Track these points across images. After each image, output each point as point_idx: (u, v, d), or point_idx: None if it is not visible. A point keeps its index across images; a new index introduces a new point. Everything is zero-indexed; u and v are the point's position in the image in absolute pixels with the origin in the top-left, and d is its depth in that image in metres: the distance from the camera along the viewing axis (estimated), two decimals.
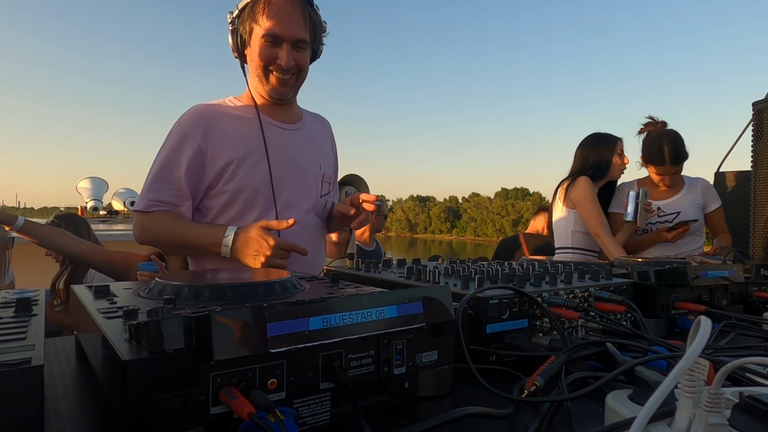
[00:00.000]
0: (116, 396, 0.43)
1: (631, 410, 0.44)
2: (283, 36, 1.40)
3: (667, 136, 2.47)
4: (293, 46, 1.43)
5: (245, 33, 1.44)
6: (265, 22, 1.39)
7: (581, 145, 2.65)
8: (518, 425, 0.53)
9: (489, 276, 0.88)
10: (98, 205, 6.05)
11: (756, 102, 1.89)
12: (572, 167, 2.66)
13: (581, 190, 2.51)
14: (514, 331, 0.75)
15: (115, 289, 0.74)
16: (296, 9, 1.41)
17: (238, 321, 0.44)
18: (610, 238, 2.41)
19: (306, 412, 0.50)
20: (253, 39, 1.43)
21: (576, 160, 2.65)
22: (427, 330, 0.57)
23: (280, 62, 1.42)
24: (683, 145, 2.47)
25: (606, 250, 2.39)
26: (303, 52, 1.46)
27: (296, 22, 1.42)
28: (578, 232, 2.56)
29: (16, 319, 0.61)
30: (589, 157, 2.60)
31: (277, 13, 1.39)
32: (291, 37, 1.41)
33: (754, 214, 1.86)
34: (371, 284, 0.81)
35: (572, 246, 2.58)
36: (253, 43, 1.43)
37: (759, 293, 1.14)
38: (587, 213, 2.48)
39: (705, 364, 0.37)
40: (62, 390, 0.63)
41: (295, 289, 0.70)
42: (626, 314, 0.88)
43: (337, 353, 0.51)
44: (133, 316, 0.50)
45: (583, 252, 2.56)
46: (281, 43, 1.41)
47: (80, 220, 2.83)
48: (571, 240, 2.58)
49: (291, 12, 1.41)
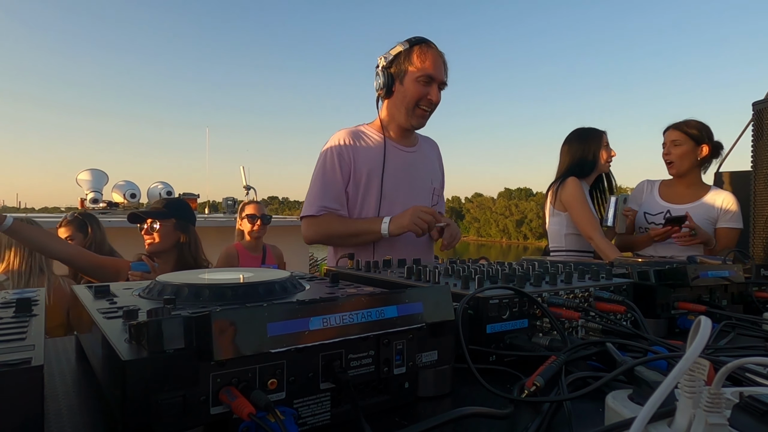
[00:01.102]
0: (116, 396, 0.43)
1: (631, 410, 0.44)
2: (435, 77, 1.77)
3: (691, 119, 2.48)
4: (439, 87, 1.81)
5: (399, 73, 1.79)
6: (421, 65, 1.75)
7: (566, 142, 2.63)
8: (518, 425, 0.53)
9: (489, 276, 0.88)
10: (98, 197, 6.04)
11: (756, 102, 1.89)
12: (559, 166, 2.64)
13: (570, 192, 2.49)
14: (514, 331, 0.75)
15: (115, 289, 0.74)
16: (441, 58, 1.81)
17: (238, 321, 0.44)
18: (603, 240, 2.38)
19: (306, 412, 0.50)
20: (407, 78, 1.77)
21: (562, 157, 2.63)
22: (427, 330, 0.57)
23: (431, 98, 1.79)
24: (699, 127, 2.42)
25: (601, 253, 2.37)
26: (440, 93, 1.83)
27: (443, 68, 1.80)
28: (571, 234, 2.55)
29: (16, 319, 0.61)
30: (575, 153, 2.58)
31: (432, 60, 1.76)
32: (440, 79, 1.79)
33: (754, 214, 1.87)
34: (371, 284, 0.81)
35: (566, 248, 2.57)
36: (407, 81, 1.78)
37: (759, 293, 1.14)
38: (578, 216, 2.46)
39: (705, 364, 0.37)
40: (62, 390, 0.63)
41: (295, 289, 0.70)
42: (626, 314, 0.88)
43: (337, 353, 0.51)
44: (133, 316, 0.50)
45: (577, 254, 2.55)
46: (432, 83, 1.78)
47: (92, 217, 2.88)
48: (564, 242, 2.57)
49: (440, 60, 1.79)
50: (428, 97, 1.78)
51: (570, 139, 2.63)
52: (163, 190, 6.69)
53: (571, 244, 2.56)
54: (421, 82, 1.76)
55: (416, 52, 1.77)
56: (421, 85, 1.77)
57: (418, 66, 1.75)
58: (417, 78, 1.75)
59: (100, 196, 6.08)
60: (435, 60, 1.77)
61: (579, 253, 2.55)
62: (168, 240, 2.25)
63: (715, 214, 2.41)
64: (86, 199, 5.96)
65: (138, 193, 6.55)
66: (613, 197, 2.49)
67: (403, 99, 1.80)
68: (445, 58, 1.84)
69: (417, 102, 1.79)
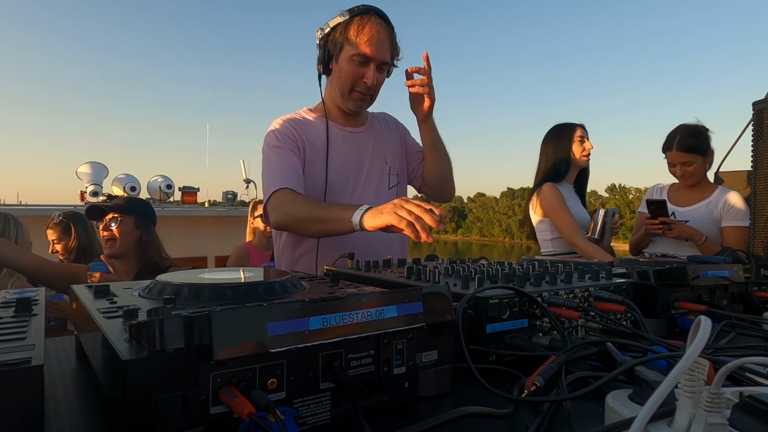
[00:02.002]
0: (116, 396, 0.43)
1: (631, 410, 0.44)
2: (372, 57, 1.51)
3: (686, 126, 2.43)
4: (378, 68, 1.55)
5: (334, 49, 1.55)
6: (356, 42, 1.50)
7: (543, 142, 2.62)
8: (518, 425, 0.53)
9: (489, 276, 0.88)
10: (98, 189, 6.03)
11: (756, 102, 1.89)
12: (537, 170, 2.62)
13: (547, 200, 2.49)
14: (514, 330, 0.75)
15: (115, 288, 0.74)
16: (384, 34, 1.53)
17: (238, 321, 0.44)
18: (587, 243, 2.37)
19: (306, 412, 0.50)
20: (342, 56, 1.53)
21: (539, 159, 2.62)
22: (427, 330, 0.57)
23: (366, 81, 1.54)
24: (701, 138, 2.38)
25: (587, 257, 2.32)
26: (383, 74, 1.59)
27: (383, 46, 1.53)
28: (558, 239, 2.55)
29: (16, 319, 0.61)
30: (550, 155, 2.57)
31: (369, 36, 1.50)
32: (378, 59, 1.52)
33: (754, 214, 1.87)
34: (371, 284, 0.81)
35: (554, 251, 2.57)
36: (342, 60, 1.54)
37: (759, 293, 1.14)
38: (558, 222, 2.46)
39: (705, 364, 0.37)
40: (62, 390, 0.63)
41: (295, 289, 0.70)
42: (626, 314, 0.87)
43: (337, 353, 0.51)
44: (133, 316, 0.50)
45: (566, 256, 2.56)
46: (368, 64, 1.53)
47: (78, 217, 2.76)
48: (552, 246, 2.58)
49: (380, 35, 1.51)
50: (363, 80, 1.54)
51: (545, 140, 2.62)
52: (163, 183, 6.66)
53: (559, 247, 2.56)
54: (356, 61, 1.51)
55: (354, 26, 1.50)
56: (355, 65, 1.52)
57: (354, 42, 1.49)
58: (351, 57, 1.51)
59: (100, 189, 6.07)
60: (373, 36, 1.49)
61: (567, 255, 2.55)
62: (127, 239, 2.18)
63: (718, 213, 2.40)
64: (86, 192, 5.95)
65: (138, 186, 6.53)
66: (602, 210, 2.48)
67: (338, 80, 1.58)
68: (394, 32, 1.57)
69: (352, 85, 1.56)
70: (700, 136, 2.40)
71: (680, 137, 2.39)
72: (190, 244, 5.86)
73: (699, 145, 2.39)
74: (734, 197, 2.39)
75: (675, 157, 2.42)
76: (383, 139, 1.80)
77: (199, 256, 4.33)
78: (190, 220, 6.15)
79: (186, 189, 6.82)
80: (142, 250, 2.23)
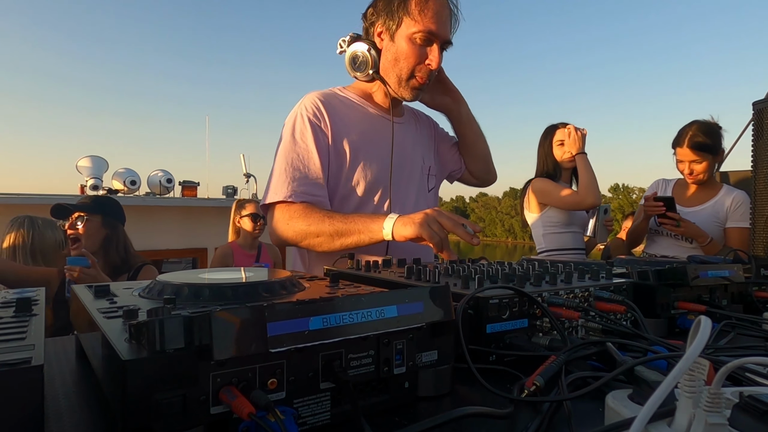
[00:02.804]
0: (116, 396, 0.43)
1: (631, 410, 0.44)
2: (438, 35, 1.29)
3: (699, 123, 2.39)
4: (441, 48, 1.33)
5: (392, 25, 1.31)
6: (421, 17, 1.27)
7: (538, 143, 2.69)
8: (518, 425, 0.53)
9: (489, 276, 0.88)
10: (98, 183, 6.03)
11: (756, 102, 1.89)
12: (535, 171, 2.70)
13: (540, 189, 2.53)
14: (514, 331, 0.75)
15: (115, 288, 0.74)
16: (448, 9, 1.32)
17: (238, 320, 0.44)
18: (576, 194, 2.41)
19: (306, 412, 0.50)
20: (398, 33, 1.31)
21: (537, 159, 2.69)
22: (427, 330, 0.57)
23: (430, 64, 1.32)
24: (714, 137, 2.34)
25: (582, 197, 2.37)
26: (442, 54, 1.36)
27: (448, 23, 1.32)
28: (549, 234, 2.56)
29: (16, 319, 0.61)
30: (540, 156, 2.63)
31: (435, 9, 1.28)
32: (443, 38, 1.31)
33: (754, 214, 1.86)
34: (371, 284, 0.81)
35: (547, 248, 2.59)
36: (399, 37, 1.31)
37: (759, 293, 1.14)
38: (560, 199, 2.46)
39: (705, 364, 0.37)
40: (62, 390, 0.63)
41: (295, 289, 0.70)
42: (626, 314, 0.88)
43: (337, 353, 0.51)
44: (133, 316, 0.50)
45: (558, 252, 2.57)
46: (432, 43, 1.31)
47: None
48: (544, 242, 2.59)
49: (446, 12, 1.31)
50: (426, 63, 1.32)
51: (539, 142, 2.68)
52: (164, 177, 6.65)
53: (551, 243, 2.57)
54: (417, 40, 1.30)
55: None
56: (416, 45, 1.30)
57: (417, 18, 1.27)
58: (412, 35, 1.29)
59: (100, 183, 6.07)
60: (439, 10, 1.28)
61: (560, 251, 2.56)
62: (93, 238, 2.14)
63: (723, 214, 2.38)
64: (86, 186, 5.96)
65: (138, 180, 6.52)
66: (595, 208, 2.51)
67: (395, 63, 1.33)
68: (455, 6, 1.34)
69: (412, 69, 1.33)
70: (713, 135, 2.35)
71: (692, 134, 2.34)
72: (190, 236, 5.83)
73: (711, 144, 2.34)
74: (740, 197, 2.37)
75: (685, 154, 2.37)
76: (419, 134, 1.58)
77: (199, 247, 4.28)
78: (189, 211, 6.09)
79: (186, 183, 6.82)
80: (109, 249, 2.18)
